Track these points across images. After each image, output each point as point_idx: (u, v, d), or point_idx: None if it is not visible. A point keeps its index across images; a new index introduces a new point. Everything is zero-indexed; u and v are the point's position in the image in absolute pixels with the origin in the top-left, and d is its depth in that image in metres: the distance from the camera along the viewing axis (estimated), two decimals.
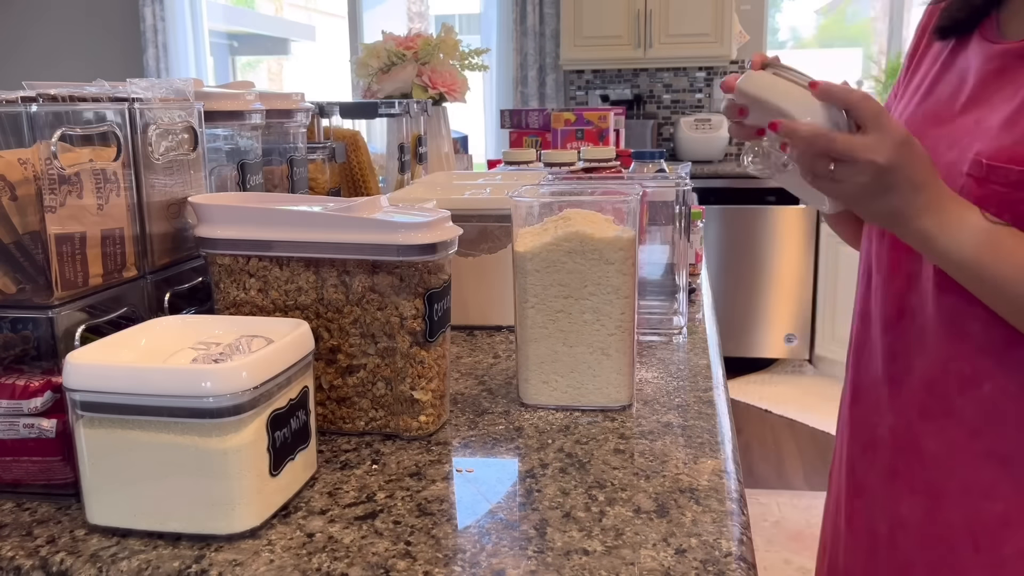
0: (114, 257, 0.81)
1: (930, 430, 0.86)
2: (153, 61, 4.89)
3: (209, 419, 0.63)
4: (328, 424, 0.87)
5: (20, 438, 0.71)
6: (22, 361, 0.77)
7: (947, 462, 0.85)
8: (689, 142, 4.39)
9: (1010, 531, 0.82)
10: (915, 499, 0.89)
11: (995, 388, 0.81)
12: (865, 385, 0.95)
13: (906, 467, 0.89)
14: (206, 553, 0.64)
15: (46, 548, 0.65)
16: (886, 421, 0.92)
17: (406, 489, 0.74)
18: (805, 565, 2.56)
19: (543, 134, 2.29)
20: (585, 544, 0.64)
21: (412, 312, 0.82)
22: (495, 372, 1.06)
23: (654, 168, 1.56)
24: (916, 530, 0.89)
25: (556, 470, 0.77)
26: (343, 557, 0.63)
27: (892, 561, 0.92)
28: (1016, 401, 0.80)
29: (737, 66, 4.65)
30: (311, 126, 1.41)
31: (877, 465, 0.93)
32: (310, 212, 0.82)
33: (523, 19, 4.61)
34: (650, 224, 1.23)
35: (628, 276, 0.90)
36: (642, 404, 0.94)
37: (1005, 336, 0.80)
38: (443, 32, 2.00)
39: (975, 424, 0.83)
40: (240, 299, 0.85)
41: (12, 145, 0.72)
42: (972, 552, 0.84)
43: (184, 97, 0.90)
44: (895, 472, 0.91)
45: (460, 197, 1.23)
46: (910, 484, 0.89)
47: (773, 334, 4.18)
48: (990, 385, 0.81)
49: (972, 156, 0.79)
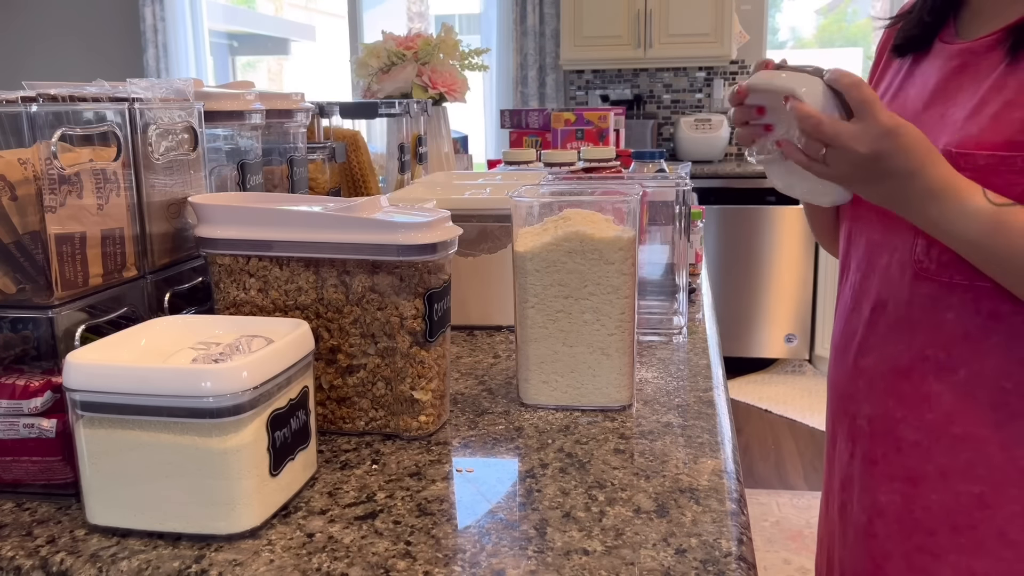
0: (114, 257, 0.81)
1: (907, 417, 0.89)
2: (153, 61, 4.89)
3: (209, 419, 0.63)
4: (328, 424, 0.87)
5: (20, 438, 0.71)
6: (22, 361, 0.77)
7: (924, 447, 0.88)
8: (689, 142, 4.39)
9: (988, 512, 0.84)
10: (893, 486, 0.91)
11: (970, 373, 0.84)
12: (844, 379, 0.98)
13: (883, 455, 0.92)
14: (206, 553, 0.64)
15: (46, 548, 0.65)
16: (864, 411, 0.94)
17: (406, 489, 0.74)
18: (805, 565, 2.56)
19: (543, 134, 2.29)
20: (585, 544, 0.64)
21: (412, 312, 0.82)
22: (495, 372, 1.06)
23: (654, 168, 1.56)
24: (894, 518, 0.91)
25: (556, 470, 0.77)
26: (343, 557, 0.63)
27: (872, 550, 0.94)
28: (991, 385, 0.83)
29: (737, 66, 4.65)
30: (311, 126, 1.41)
31: (857, 455, 0.96)
32: (310, 212, 0.82)
33: (523, 19, 4.61)
34: (650, 224, 1.23)
35: (628, 276, 0.90)
36: (642, 404, 0.94)
37: (980, 323, 0.83)
38: (443, 32, 2.00)
39: (951, 409, 0.85)
40: (240, 299, 0.85)
41: (12, 145, 0.72)
42: (951, 535, 0.86)
43: (184, 97, 0.90)
44: (873, 460, 0.93)
45: (460, 197, 1.23)
46: (888, 471, 0.91)
47: (773, 334, 4.18)
48: (965, 370, 0.84)
49: (940, 148, 0.81)
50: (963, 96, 0.84)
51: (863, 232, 0.95)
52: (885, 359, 0.91)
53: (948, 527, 0.86)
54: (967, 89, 0.84)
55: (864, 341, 0.94)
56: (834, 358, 1.01)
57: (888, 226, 0.90)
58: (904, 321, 0.88)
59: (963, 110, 0.83)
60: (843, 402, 0.98)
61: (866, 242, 0.94)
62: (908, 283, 0.87)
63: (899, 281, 0.89)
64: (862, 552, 0.95)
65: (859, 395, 0.95)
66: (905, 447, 0.89)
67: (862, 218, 0.95)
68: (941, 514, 0.87)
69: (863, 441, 0.95)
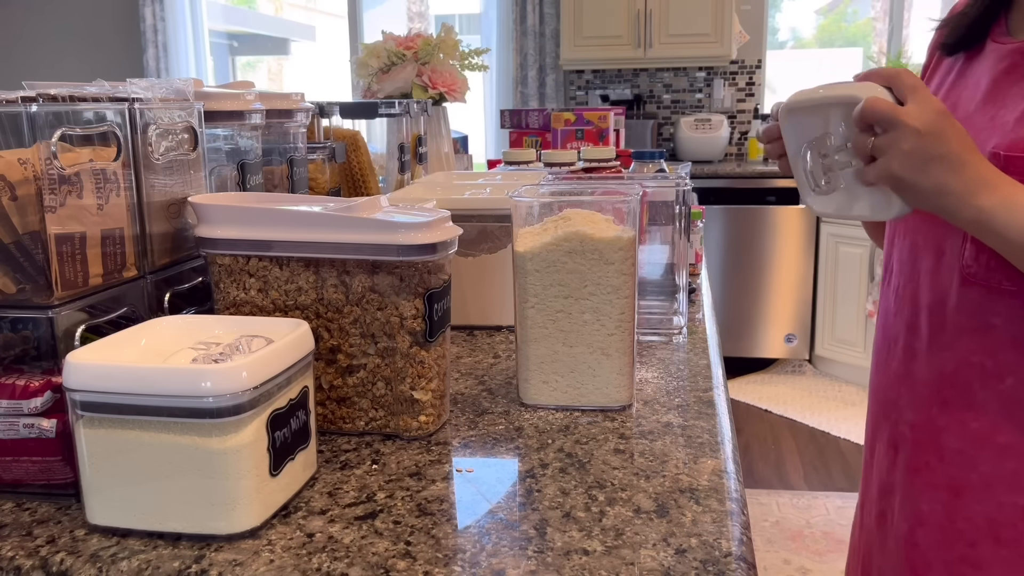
0: (114, 257, 0.81)
1: (951, 424, 0.87)
2: (153, 61, 4.89)
3: (209, 419, 0.63)
4: (328, 424, 0.87)
5: (20, 438, 0.71)
6: (22, 361, 0.77)
7: (968, 456, 0.85)
8: (689, 142, 4.39)
9: None
10: (936, 495, 0.88)
11: (1017, 381, 0.82)
12: (886, 384, 0.96)
13: (926, 463, 0.90)
14: (206, 553, 0.64)
15: (46, 548, 0.65)
16: (906, 418, 0.92)
17: (406, 489, 0.74)
18: (805, 565, 2.56)
19: (543, 134, 2.29)
20: (585, 544, 0.64)
21: (412, 312, 0.82)
22: (495, 372, 1.06)
23: (654, 168, 1.56)
24: (936, 527, 0.89)
25: (556, 470, 0.77)
26: (343, 557, 0.63)
27: (912, 560, 0.92)
28: None
29: (737, 66, 4.65)
30: (311, 126, 1.41)
31: (899, 463, 0.94)
32: (310, 212, 0.82)
33: (523, 19, 4.61)
34: (650, 224, 1.23)
35: (628, 276, 0.90)
36: (642, 404, 0.94)
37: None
38: (443, 32, 2.00)
39: (996, 417, 0.83)
40: (240, 299, 0.85)
41: (12, 145, 0.72)
42: (994, 546, 0.84)
43: (184, 97, 0.90)
44: (916, 469, 0.91)
45: (460, 197, 1.23)
46: (931, 480, 0.89)
47: (773, 334, 4.18)
48: (1012, 379, 0.82)
49: (989, 150, 0.80)
50: (1014, 98, 0.82)
51: (907, 234, 0.93)
52: (929, 365, 0.89)
53: (991, 539, 0.84)
54: (1018, 90, 0.82)
55: (907, 346, 0.92)
56: (876, 362, 0.99)
57: (934, 228, 0.88)
58: (950, 326, 0.86)
59: (1013, 112, 0.81)
60: (885, 407, 0.96)
61: (910, 244, 0.92)
62: (955, 288, 0.85)
63: (945, 285, 0.86)
64: (902, 561, 0.93)
65: (901, 401, 0.93)
66: (948, 455, 0.87)
67: (906, 219, 0.92)
68: (984, 525, 0.85)
69: (905, 448, 0.93)
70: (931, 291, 0.88)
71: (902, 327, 0.93)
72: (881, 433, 0.98)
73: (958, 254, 0.85)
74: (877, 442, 0.99)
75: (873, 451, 1.01)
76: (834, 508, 2.91)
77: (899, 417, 0.93)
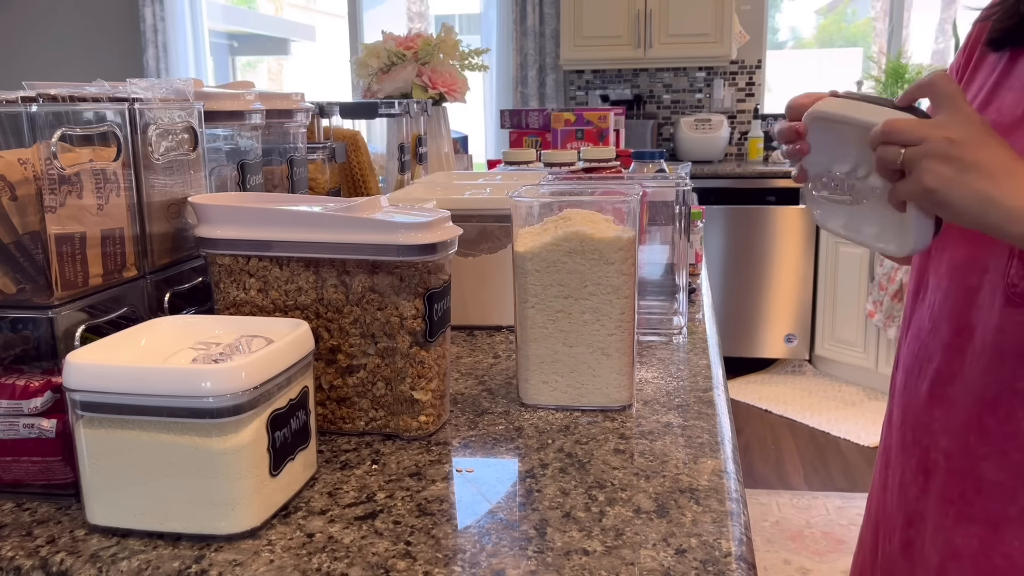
0: (114, 257, 0.81)
1: (990, 454, 0.81)
2: (153, 61, 4.89)
3: (209, 419, 0.63)
4: (328, 424, 0.87)
5: (20, 438, 0.71)
6: (22, 361, 0.77)
7: (1007, 489, 0.80)
8: (689, 142, 4.40)
9: None
10: (971, 528, 0.83)
11: None
12: (917, 407, 0.90)
13: (961, 494, 0.84)
14: (206, 553, 0.64)
15: (46, 548, 0.65)
16: (940, 444, 0.86)
17: (406, 489, 0.74)
18: (805, 565, 2.56)
19: (543, 134, 2.29)
20: (585, 544, 0.64)
21: (412, 312, 0.82)
22: (495, 372, 1.06)
23: (654, 168, 1.56)
24: (970, 563, 0.84)
25: (556, 470, 0.77)
26: (343, 557, 0.63)
27: None
28: None
29: (737, 66, 4.65)
30: (311, 126, 1.41)
31: (931, 491, 0.88)
32: (310, 212, 0.82)
33: (523, 19, 4.61)
34: (650, 224, 1.23)
35: (628, 276, 0.90)
36: (642, 404, 0.94)
37: None
38: (443, 32, 2.00)
39: None
40: (240, 299, 0.85)
41: (12, 145, 0.72)
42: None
43: (184, 97, 0.90)
44: (950, 499, 0.85)
45: (460, 197, 1.23)
46: (966, 512, 0.84)
47: (773, 334, 4.18)
48: None
49: None
50: None
51: (946, 248, 0.86)
52: (968, 390, 0.82)
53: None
54: None
55: (944, 368, 0.85)
56: (905, 381, 0.93)
57: (976, 244, 0.82)
58: (992, 350, 0.80)
59: None
60: (915, 431, 0.90)
61: (949, 259, 0.85)
62: (999, 308, 0.79)
63: (988, 306, 0.80)
64: None
65: (935, 426, 0.86)
66: (987, 487, 0.81)
67: (944, 233, 0.84)
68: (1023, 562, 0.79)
69: (938, 477, 0.86)
70: (972, 311, 0.82)
71: (938, 348, 0.86)
72: (910, 458, 0.91)
73: (1003, 272, 0.79)
74: (904, 467, 0.92)
75: (891, 471, 0.95)
76: (834, 508, 2.91)
77: (932, 443, 0.87)
